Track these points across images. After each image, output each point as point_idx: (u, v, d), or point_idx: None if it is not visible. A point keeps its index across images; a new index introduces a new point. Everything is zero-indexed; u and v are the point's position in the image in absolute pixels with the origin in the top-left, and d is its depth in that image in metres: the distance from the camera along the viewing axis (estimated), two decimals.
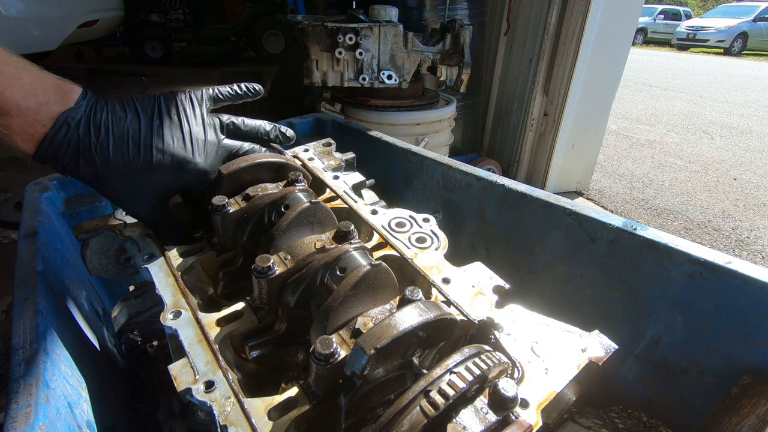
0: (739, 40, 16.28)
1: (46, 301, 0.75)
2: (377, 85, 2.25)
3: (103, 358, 0.96)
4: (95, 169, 0.69)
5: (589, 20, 3.16)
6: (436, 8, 2.99)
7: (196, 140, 0.76)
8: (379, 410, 0.57)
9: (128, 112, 0.71)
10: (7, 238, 2.81)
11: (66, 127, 0.66)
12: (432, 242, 0.78)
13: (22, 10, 4.41)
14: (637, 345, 0.99)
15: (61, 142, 0.66)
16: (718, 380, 0.89)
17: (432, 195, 1.40)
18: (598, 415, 1.00)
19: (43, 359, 0.63)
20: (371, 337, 0.50)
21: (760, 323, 0.81)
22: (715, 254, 0.85)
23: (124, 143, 0.69)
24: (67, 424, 0.60)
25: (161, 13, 8.19)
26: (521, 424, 0.49)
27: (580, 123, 3.58)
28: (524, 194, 1.13)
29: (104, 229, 0.84)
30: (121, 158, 0.69)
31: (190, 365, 0.59)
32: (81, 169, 0.68)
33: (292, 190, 0.77)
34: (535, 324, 0.63)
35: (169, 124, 0.74)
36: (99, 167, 0.69)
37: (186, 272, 0.76)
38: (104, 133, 0.68)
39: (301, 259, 0.66)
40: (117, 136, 0.69)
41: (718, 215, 3.88)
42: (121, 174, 0.71)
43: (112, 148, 0.69)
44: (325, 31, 2.09)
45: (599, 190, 4.25)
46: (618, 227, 0.97)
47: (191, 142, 0.75)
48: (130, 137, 0.70)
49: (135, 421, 0.94)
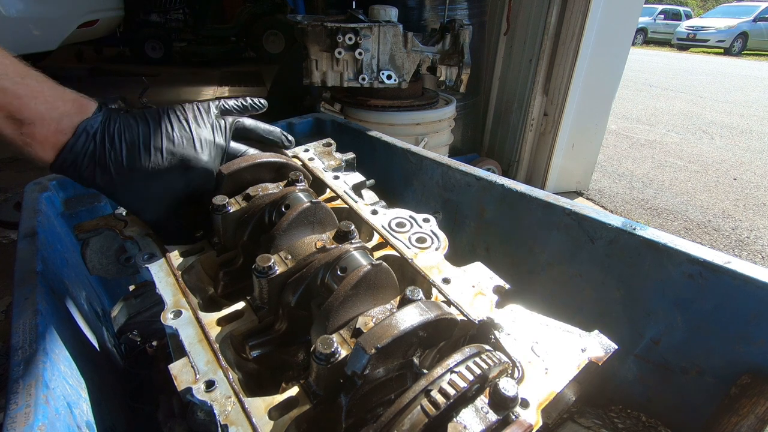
0: (739, 40, 16.29)
1: (46, 302, 0.75)
2: (377, 85, 2.25)
3: (102, 358, 0.96)
4: (110, 178, 0.71)
5: (589, 20, 3.16)
6: (435, 8, 2.99)
7: (204, 141, 0.78)
8: (379, 410, 0.57)
9: (139, 120, 0.74)
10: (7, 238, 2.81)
11: (85, 135, 0.69)
12: (432, 242, 0.78)
13: (22, 10, 4.41)
14: (637, 345, 0.99)
15: (80, 150, 0.68)
16: (718, 380, 0.89)
17: (432, 195, 1.40)
18: (597, 415, 1.00)
19: (43, 359, 0.63)
20: (372, 337, 0.50)
21: (759, 323, 0.81)
22: (714, 254, 0.85)
23: (135, 148, 0.72)
24: (67, 424, 0.60)
25: (161, 13, 8.19)
26: (521, 424, 0.49)
27: (580, 123, 3.58)
28: (524, 194, 1.13)
29: (104, 228, 0.84)
30: (132, 164, 0.72)
31: (190, 365, 0.59)
32: (97, 177, 0.71)
33: (292, 190, 0.77)
34: (535, 324, 0.64)
35: (177, 127, 0.76)
36: (114, 174, 0.71)
37: (186, 272, 0.76)
38: (117, 141, 0.71)
39: (301, 259, 0.66)
40: (129, 142, 0.72)
41: (718, 215, 3.88)
42: (133, 180, 0.72)
43: (125, 155, 0.71)
44: (324, 31, 2.09)
45: (599, 190, 4.25)
46: (618, 227, 0.97)
47: (199, 143, 0.77)
48: (141, 142, 0.72)
49: (135, 421, 0.94)
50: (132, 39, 8.16)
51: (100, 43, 7.95)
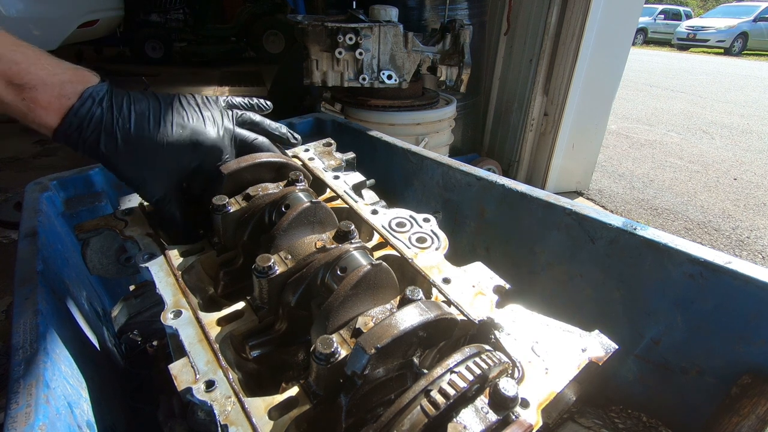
0: (739, 40, 16.28)
1: (46, 301, 0.75)
2: (377, 85, 2.25)
3: (103, 358, 0.96)
4: (116, 145, 0.70)
5: (589, 20, 3.16)
6: (436, 8, 2.99)
7: (213, 119, 0.79)
8: (379, 410, 0.57)
9: (148, 96, 0.75)
10: (7, 238, 2.81)
11: (91, 101, 0.68)
12: (432, 242, 0.78)
13: (22, 10, 4.41)
14: (637, 345, 0.99)
15: (86, 114, 0.67)
16: (718, 380, 0.89)
17: (432, 195, 1.40)
18: (598, 415, 1.00)
19: (43, 359, 0.63)
20: (372, 337, 0.50)
21: (760, 323, 0.81)
22: (715, 254, 0.85)
23: (145, 119, 0.72)
24: (67, 424, 0.60)
25: (161, 13, 8.19)
26: (521, 424, 0.49)
27: (580, 123, 3.58)
28: (524, 194, 1.13)
29: (105, 228, 0.84)
30: (141, 132, 0.71)
31: (190, 365, 0.59)
32: (102, 144, 0.69)
33: (292, 189, 0.77)
34: (535, 324, 0.64)
35: (187, 105, 0.77)
36: (120, 142, 0.70)
37: (186, 272, 0.76)
38: (126, 109, 0.70)
39: (301, 259, 0.66)
40: (138, 113, 0.71)
41: (718, 215, 3.88)
42: (140, 149, 0.71)
43: (133, 123, 0.70)
44: (325, 31, 2.09)
45: (599, 190, 4.25)
46: (618, 227, 0.97)
47: (210, 120, 0.78)
48: (151, 113, 0.72)
49: (135, 420, 0.94)
50: (132, 39, 8.16)
51: (100, 43, 7.95)
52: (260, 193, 0.78)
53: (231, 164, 0.78)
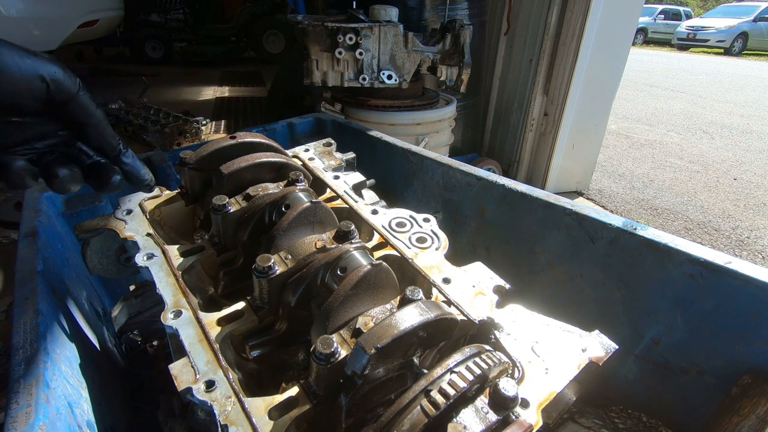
0: (739, 40, 16.27)
1: (46, 301, 0.75)
2: (377, 85, 2.25)
3: (103, 357, 0.96)
4: None
5: (589, 20, 3.16)
6: (436, 8, 2.99)
7: None
8: (379, 410, 0.57)
9: None
10: (7, 238, 2.81)
11: None
12: (432, 242, 0.78)
13: (22, 10, 4.41)
14: (637, 345, 0.99)
15: None
16: (718, 380, 0.89)
17: (432, 195, 1.40)
18: (598, 415, 1.00)
19: (44, 359, 0.63)
20: (372, 337, 0.50)
21: (760, 323, 0.81)
22: (715, 254, 0.85)
23: None
24: (67, 423, 0.60)
25: (161, 13, 8.19)
26: (521, 424, 0.49)
27: (580, 123, 3.58)
28: (524, 194, 1.13)
29: (105, 228, 0.84)
30: None
31: (190, 365, 0.59)
32: None
33: (292, 189, 0.77)
34: (535, 324, 0.64)
35: None
36: None
37: (186, 272, 0.76)
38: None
39: (301, 259, 0.66)
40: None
41: (718, 215, 3.88)
42: None
43: None
44: (325, 31, 2.09)
45: (599, 190, 4.25)
46: (618, 227, 0.97)
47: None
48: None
49: (135, 420, 0.94)
50: (132, 39, 8.16)
51: (100, 43, 7.95)
52: (260, 193, 0.78)
53: (231, 164, 0.78)
